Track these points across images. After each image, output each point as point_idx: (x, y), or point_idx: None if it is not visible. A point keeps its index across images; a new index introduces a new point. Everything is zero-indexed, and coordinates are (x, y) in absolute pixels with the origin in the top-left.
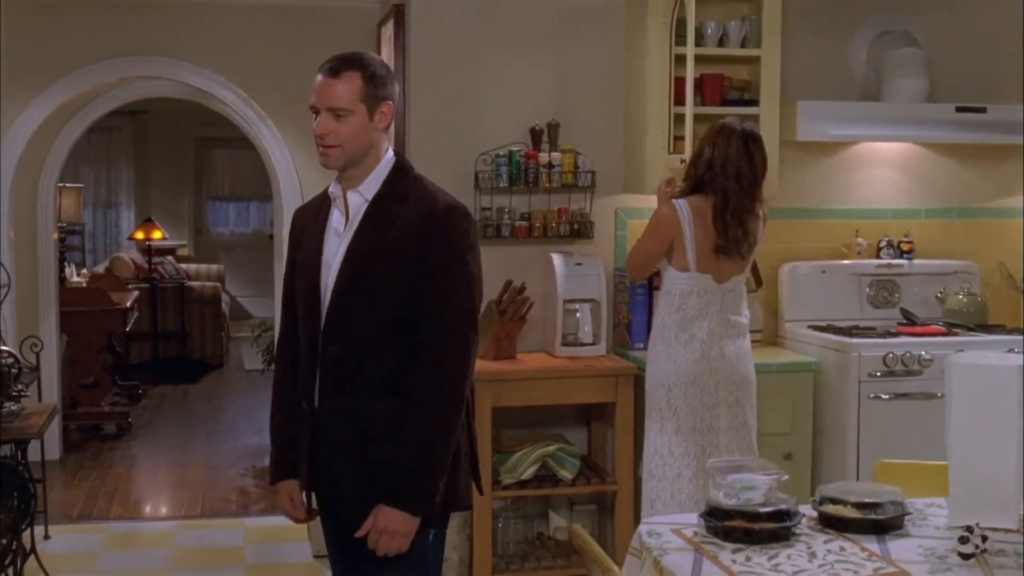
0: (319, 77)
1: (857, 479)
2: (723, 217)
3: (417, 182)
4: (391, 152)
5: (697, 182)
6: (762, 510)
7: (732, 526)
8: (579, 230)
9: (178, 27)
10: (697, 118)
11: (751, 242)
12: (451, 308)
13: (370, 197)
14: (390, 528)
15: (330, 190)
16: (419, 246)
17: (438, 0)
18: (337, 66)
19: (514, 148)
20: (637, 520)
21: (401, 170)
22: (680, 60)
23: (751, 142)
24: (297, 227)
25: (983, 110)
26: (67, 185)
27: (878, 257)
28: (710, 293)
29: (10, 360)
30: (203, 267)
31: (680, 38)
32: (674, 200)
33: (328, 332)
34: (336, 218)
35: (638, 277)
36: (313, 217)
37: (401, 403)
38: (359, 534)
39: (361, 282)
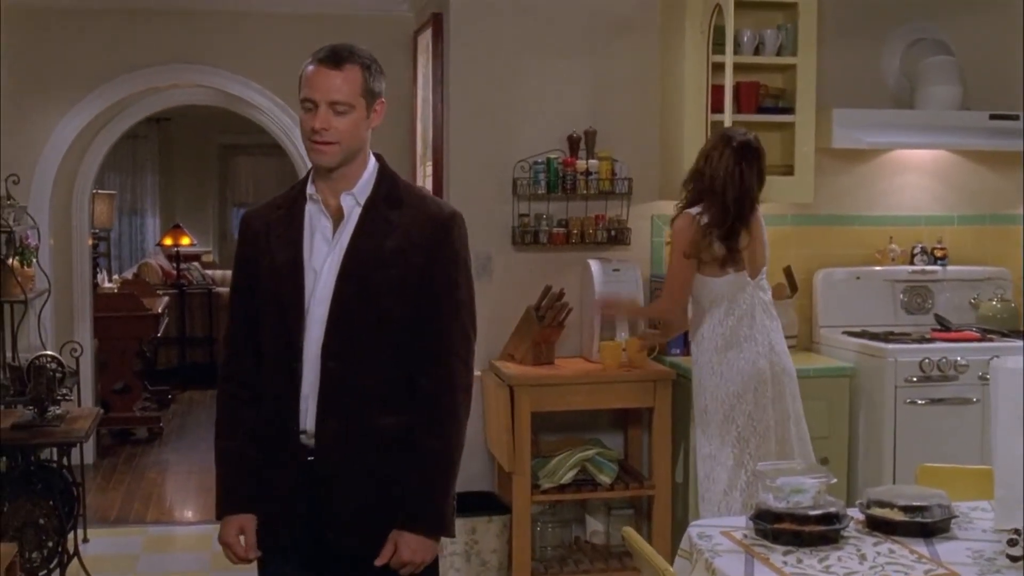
0: (312, 67)
1: (894, 483)
2: (710, 232)
3: (407, 186)
4: (371, 153)
5: (697, 194)
6: (811, 513)
7: (782, 528)
8: (616, 236)
9: (215, 37)
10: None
11: (742, 246)
12: (459, 316)
13: (363, 201)
14: (417, 559)
15: (308, 192)
16: (428, 255)
17: (476, 9)
18: (338, 57)
19: (552, 155)
20: (674, 525)
21: (389, 173)
22: (716, 68)
23: (744, 158)
24: (252, 233)
25: (1016, 117)
26: (100, 192)
27: (912, 263)
28: (750, 288)
29: (53, 365)
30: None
31: (717, 46)
32: (685, 210)
33: (328, 346)
34: (321, 223)
35: (677, 305)
36: (281, 222)
37: (408, 419)
38: (379, 562)
39: (364, 292)
